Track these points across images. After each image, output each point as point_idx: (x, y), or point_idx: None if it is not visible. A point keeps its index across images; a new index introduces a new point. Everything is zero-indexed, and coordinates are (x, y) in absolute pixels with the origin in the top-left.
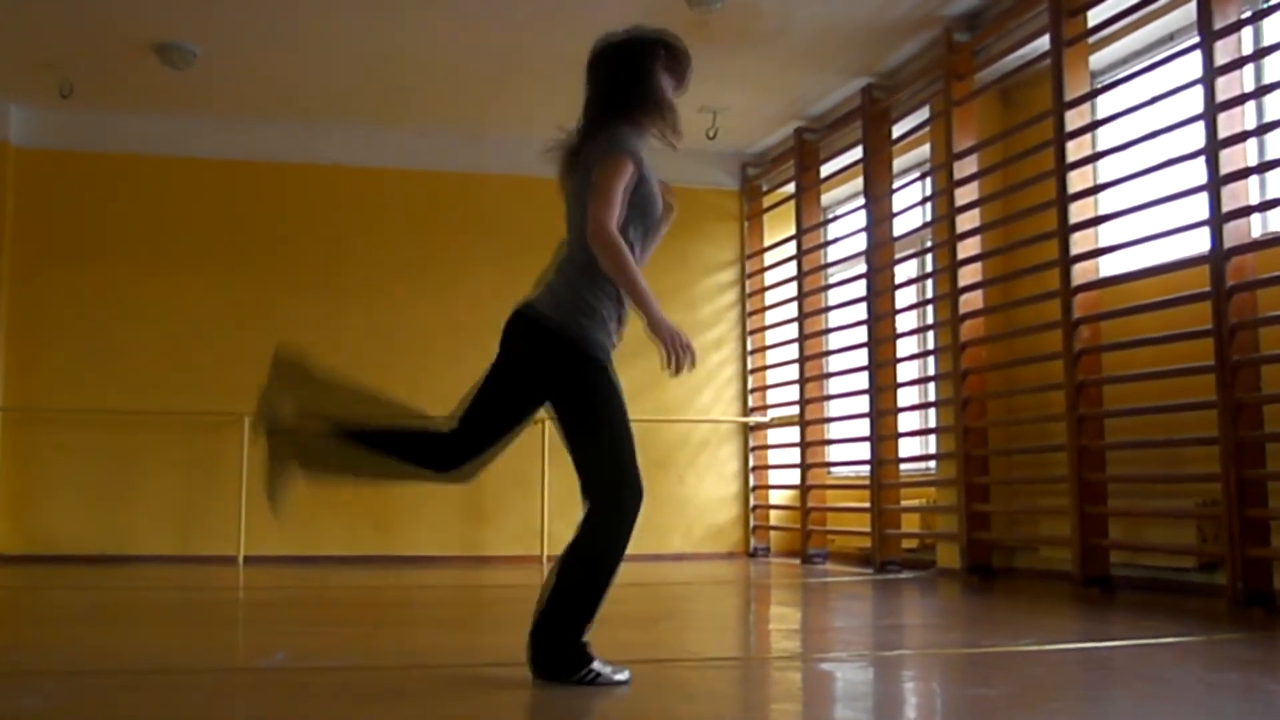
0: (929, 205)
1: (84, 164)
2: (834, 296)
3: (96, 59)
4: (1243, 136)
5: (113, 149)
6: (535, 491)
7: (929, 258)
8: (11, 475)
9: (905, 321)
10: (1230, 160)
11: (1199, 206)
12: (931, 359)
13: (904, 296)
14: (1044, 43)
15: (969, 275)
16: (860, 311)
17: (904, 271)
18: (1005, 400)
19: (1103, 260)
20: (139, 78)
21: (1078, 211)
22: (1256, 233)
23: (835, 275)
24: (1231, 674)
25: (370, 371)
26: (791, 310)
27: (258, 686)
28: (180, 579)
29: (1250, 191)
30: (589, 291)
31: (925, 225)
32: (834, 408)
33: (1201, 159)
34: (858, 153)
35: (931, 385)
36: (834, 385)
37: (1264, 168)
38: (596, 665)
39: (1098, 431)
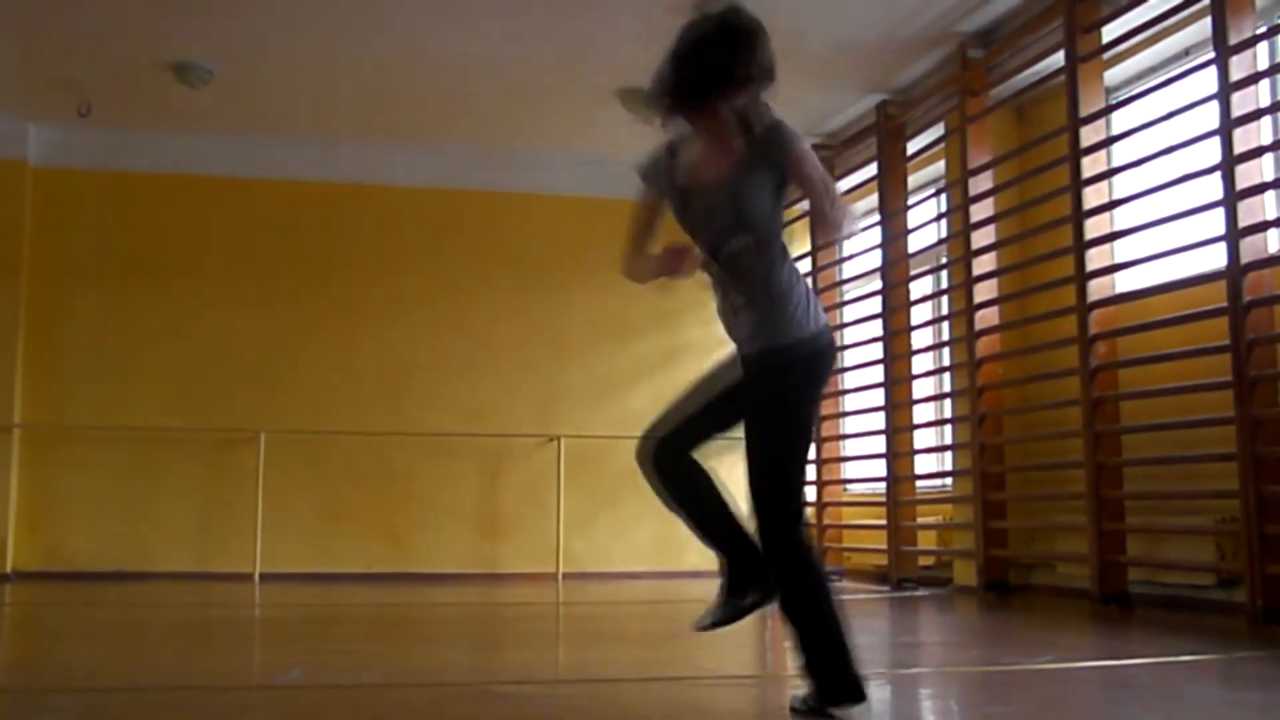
0: (944, 221)
1: (102, 183)
2: (849, 313)
3: (114, 78)
4: (1258, 152)
5: (130, 168)
6: (551, 509)
7: (944, 274)
8: (30, 491)
9: (921, 338)
10: (1246, 175)
11: (1215, 222)
12: (947, 375)
13: (919, 313)
14: (1058, 59)
15: (984, 291)
16: (875, 328)
17: (919, 288)
18: (1021, 417)
19: (1119, 276)
20: (156, 97)
21: (1093, 227)
22: (1273, 248)
23: (850, 291)
24: (1252, 692)
25: (387, 389)
26: None
27: (273, 704)
28: (197, 596)
29: (1267, 207)
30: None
31: (940, 241)
32: (849, 424)
33: (1217, 174)
34: (872, 169)
35: (947, 402)
36: (849, 402)
37: None
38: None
39: (1115, 448)
